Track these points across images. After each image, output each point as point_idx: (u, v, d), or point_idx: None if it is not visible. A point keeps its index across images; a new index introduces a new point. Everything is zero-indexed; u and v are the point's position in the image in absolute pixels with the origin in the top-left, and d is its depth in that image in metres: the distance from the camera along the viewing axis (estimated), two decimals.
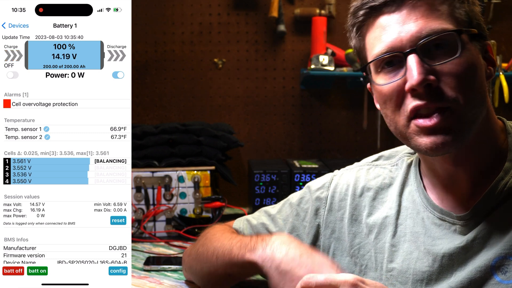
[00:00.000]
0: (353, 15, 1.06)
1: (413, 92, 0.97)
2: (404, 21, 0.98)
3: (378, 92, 1.03)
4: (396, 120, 1.02)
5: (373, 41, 1.03)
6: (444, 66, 0.97)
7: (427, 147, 0.98)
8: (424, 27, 0.97)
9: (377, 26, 1.02)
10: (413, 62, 0.96)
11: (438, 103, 0.97)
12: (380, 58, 1.00)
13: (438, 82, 0.96)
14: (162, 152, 2.07)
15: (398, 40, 0.98)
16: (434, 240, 1.06)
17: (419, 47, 0.97)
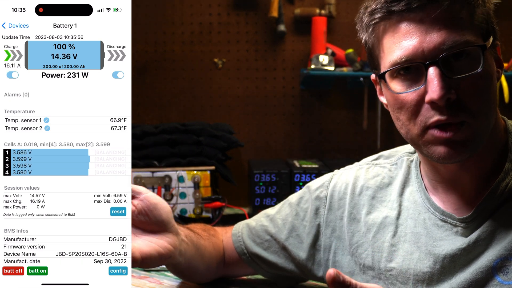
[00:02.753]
0: (370, 14, 1.02)
1: (433, 104, 0.96)
2: (427, 30, 0.96)
3: (393, 98, 1.02)
4: (409, 127, 1.01)
5: (391, 45, 1.00)
6: (464, 80, 0.96)
7: (441, 157, 0.98)
8: (448, 39, 0.95)
9: (397, 31, 0.99)
10: (435, 75, 0.95)
11: (456, 119, 0.96)
12: (400, 66, 0.98)
13: (457, 95, 0.95)
14: (162, 152, 2.07)
15: (420, 50, 0.96)
16: (435, 241, 1.06)
17: (441, 59, 0.95)
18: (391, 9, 0.98)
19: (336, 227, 1.20)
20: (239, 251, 1.29)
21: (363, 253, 1.14)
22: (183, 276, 1.29)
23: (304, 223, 1.23)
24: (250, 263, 1.29)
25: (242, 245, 1.28)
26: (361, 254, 1.15)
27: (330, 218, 1.21)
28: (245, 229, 1.30)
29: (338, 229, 1.20)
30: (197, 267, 1.23)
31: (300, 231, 1.23)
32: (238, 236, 1.30)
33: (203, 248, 1.23)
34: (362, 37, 1.07)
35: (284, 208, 1.28)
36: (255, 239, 1.27)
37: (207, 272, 1.28)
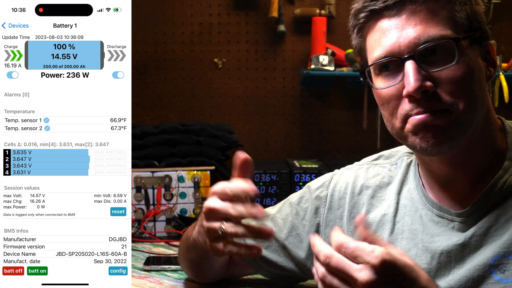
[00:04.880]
0: (354, 16, 1.06)
1: (410, 98, 0.98)
2: (403, 26, 0.99)
3: (377, 94, 1.05)
4: (393, 121, 1.03)
5: (373, 43, 1.03)
6: (441, 73, 0.98)
7: (422, 145, 0.99)
8: (423, 34, 0.98)
9: (377, 29, 1.02)
10: (410, 69, 0.97)
11: (436, 106, 0.97)
12: (379, 62, 1.01)
13: (435, 88, 0.97)
14: (162, 152, 2.07)
15: (397, 46, 0.99)
16: (432, 237, 1.06)
17: (417, 53, 0.98)
18: (371, 8, 1.02)
19: (336, 226, 1.20)
20: None
21: None
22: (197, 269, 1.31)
23: (304, 222, 1.23)
24: (250, 261, 1.29)
25: None
26: None
27: (330, 218, 1.21)
28: None
29: None
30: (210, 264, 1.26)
31: (300, 230, 1.23)
32: None
33: None
34: (353, 43, 1.10)
35: (285, 207, 1.28)
36: None
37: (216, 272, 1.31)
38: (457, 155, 1.02)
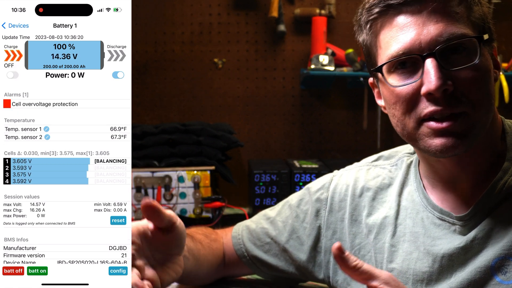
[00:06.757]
0: (368, 10, 1.03)
1: (429, 96, 0.96)
2: (424, 23, 0.97)
3: (390, 92, 1.02)
4: (405, 121, 1.01)
5: (388, 39, 1.00)
6: (460, 72, 0.96)
7: (437, 149, 0.98)
8: (445, 31, 0.96)
9: (394, 25, 1.00)
10: (432, 67, 0.95)
11: (454, 109, 0.96)
12: (397, 59, 0.99)
13: (454, 87, 0.96)
14: (162, 152, 2.07)
15: (417, 43, 0.97)
16: (433, 240, 1.06)
17: (438, 51, 0.96)
18: (389, 3, 0.99)
19: (337, 229, 1.19)
20: (239, 254, 1.29)
21: (366, 255, 1.14)
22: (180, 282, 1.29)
23: (304, 225, 1.22)
24: (250, 265, 1.28)
25: (243, 248, 1.28)
26: (364, 256, 1.14)
27: (331, 220, 1.20)
28: (245, 231, 1.30)
29: (339, 231, 1.19)
30: (195, 276, 1.22)
31: (300, 233, 1.23)
32: (238, 238, 1.29)
33: (203, 258, 1.22)
34: (360, 37, 1.08)
35: (284, 210, 1.27)
36: (255, 241, 1.27)
37: (206, 278, 1.28)
38: (466, 154, 1.01)
